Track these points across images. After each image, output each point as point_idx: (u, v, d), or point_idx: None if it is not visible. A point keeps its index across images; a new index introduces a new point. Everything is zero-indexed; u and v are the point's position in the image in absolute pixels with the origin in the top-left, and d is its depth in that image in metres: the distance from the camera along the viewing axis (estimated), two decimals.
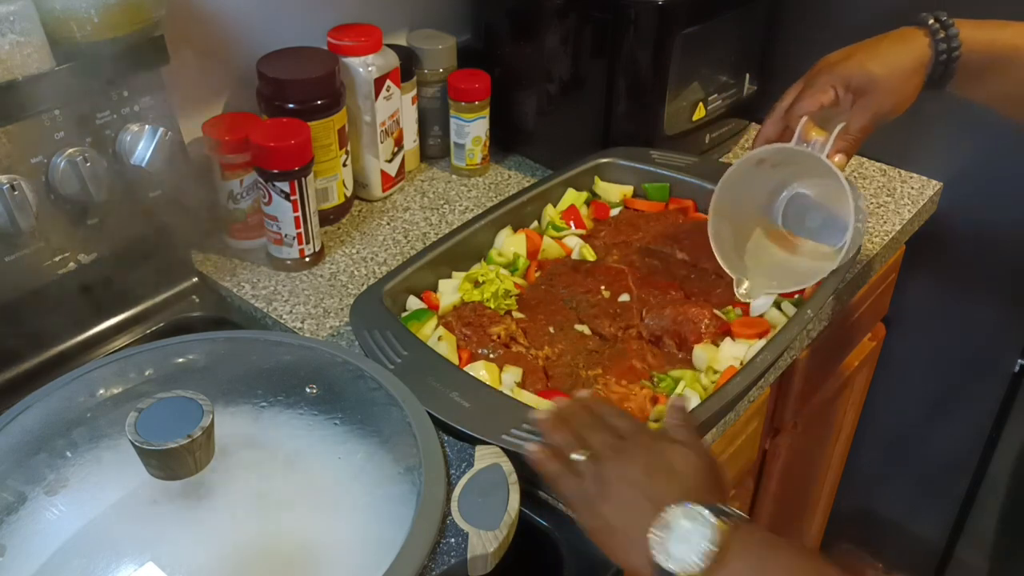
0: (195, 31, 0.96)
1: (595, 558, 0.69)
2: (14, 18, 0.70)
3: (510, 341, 0.83)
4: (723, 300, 0.87)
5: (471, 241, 0.92)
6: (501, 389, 0.76)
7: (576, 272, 0.91)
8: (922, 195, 1.15)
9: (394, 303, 0.83)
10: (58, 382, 0.67)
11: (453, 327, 0.83)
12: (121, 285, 0.88)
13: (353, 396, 0.68)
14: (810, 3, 1.21)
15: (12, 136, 0.75)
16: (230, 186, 0.96)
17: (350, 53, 1.02)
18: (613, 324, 0.85)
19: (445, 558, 0.56)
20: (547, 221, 0.98)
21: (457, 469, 0.62)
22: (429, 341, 0.80)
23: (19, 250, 0.78)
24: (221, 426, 0.59)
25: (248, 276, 0.98)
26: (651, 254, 0.94)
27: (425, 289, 0.87)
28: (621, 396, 0.76)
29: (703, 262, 0.92)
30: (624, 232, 0.97)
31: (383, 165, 1.09)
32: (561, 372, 0.80)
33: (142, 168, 0.83)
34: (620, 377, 0.78)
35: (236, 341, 0.74)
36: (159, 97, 0.85)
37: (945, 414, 1.38)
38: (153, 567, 0.55)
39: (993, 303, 1.24)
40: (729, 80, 1.15)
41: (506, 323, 0.84)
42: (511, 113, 1.17)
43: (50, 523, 0.58)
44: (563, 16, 1.06)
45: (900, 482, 1.50)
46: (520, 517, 0.60)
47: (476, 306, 0.85)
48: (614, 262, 0.93)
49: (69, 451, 0.62)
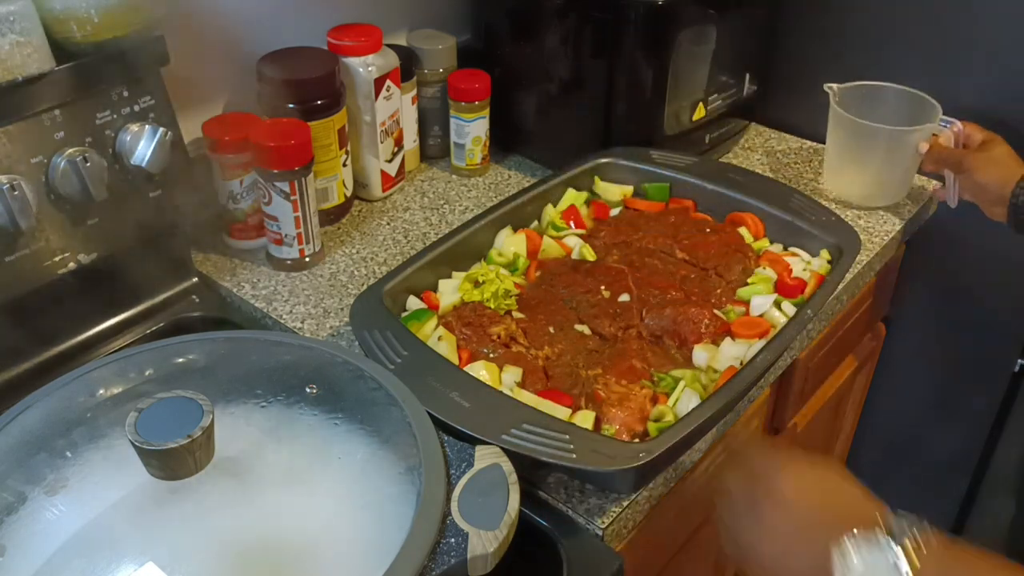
0: (195, 31, 0.96)
1: (595, 558, 0.69)
2: (14, 18, 0.70)
3: (510, 341, 0.83)
4: (723, 300, 0.87)
5: (471, 241, 0.92)
6: (501, 389, 0.76)
7: (576, 272, 0.91)
8: (922, 195, 1.15)
9: (394, 303, 0.83)
10: (58, 382, 0.67)
11: (453, 327, 0.83)
12: (121, 285, 0.88)
13: (353, 396, 0.68)
14: (810, 3, 1.21)
15: (12, 136, 0.75)
16: (230, 186, 0.96)
17: (350, 53, 1.02)
18: (613, 324, 0.85)
19: (445, 558, 0.56)
20: (547, 221, 0.98)
21: (457, 469, 0.62)
22: (429, 341, 0.80)
23: (19, 250, 0.78)
24: (221, 426, 0.59)
25: (248, 276, 0.98)
26: (651, 254, 0.94)
27: (425, 289, 0.87)
28: (621, 396, 0.76)
29: (703, 262, 0.92)
30: (624, 232, 0.97)
31: (383, 165, 1.09)
32: (561, 372, 0.80)
33: (142, 168, 0.83)
34: (620, 377, 0.78)
35: (236, 341, 0.74)
36: (159, 97, 0.85)
37: (945, 414, 1.38)
38: (153, 567, 0.55)
39: (993, 303, 1.24)
40: (729, 80, 1.15)
41: (506, 323, 0.84)
42: (511, 113, 1.17)
43: (50, 523, 0.58)
44: (563, 16, 1.06)
45: (900, 482, 1.50)
46: (520, 517, 0.60)
47: (476, 306, 0.85)
48: (614, 262, 0.93)
49: (69, 451, 0.62)
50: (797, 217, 0.94)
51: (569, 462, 0.65)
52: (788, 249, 0.95)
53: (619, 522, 0.72)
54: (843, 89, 1.10)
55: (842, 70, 1.16)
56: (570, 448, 0.66)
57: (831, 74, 1.13)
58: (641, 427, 0.74)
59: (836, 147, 1.12)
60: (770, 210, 0.96)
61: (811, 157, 1.23)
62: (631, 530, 0.76)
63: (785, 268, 0.90)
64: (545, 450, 0.66)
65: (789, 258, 0.92)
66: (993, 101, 1.11)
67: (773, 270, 0.90)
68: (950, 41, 1.12)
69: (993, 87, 1.11)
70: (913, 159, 1.08)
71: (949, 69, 1.13)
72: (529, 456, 0.66)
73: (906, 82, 1.11)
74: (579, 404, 0.76)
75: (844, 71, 1.15)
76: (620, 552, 0.73)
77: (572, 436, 0.67)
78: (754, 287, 0.89)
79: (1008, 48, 1.08)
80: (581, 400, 0.77)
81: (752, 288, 0.88)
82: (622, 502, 0.72)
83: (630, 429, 0.74)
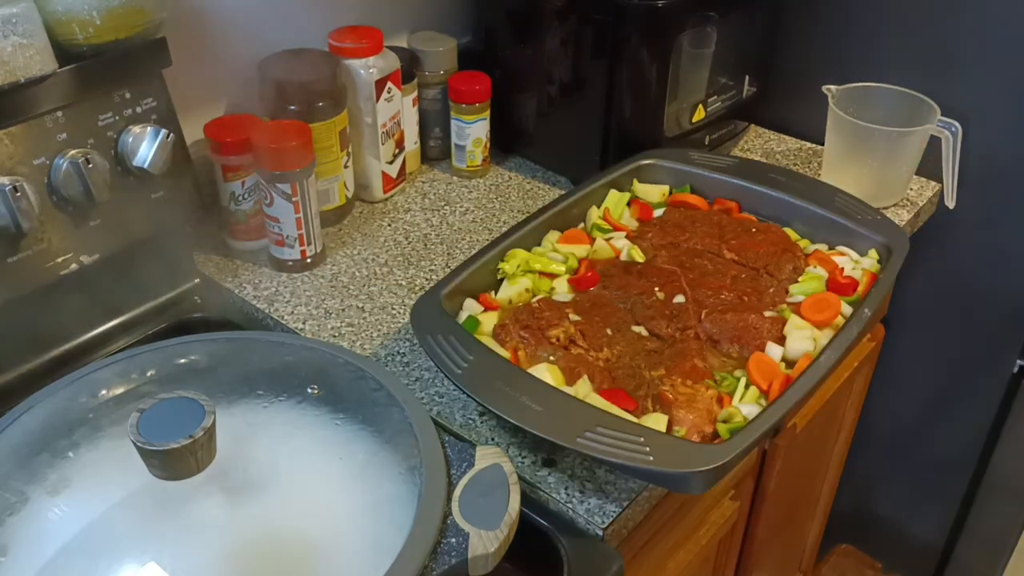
0: (197, 33, 0.96)
1: (595, 558, 0.69)
2: (17, 20, 0.71)
3: (569, 344, 0.81)
4: (776, 300, 0.87)
5: (520, 245, 0.91)
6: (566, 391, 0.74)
7: (627, 274, 0.90)
8: (922, 195, 1.15)
9: (450, 307, 0.83)
10: (60, 382, 0.67)
11: (511, 331, 0.82)
12: (123, 286, 0.88)
13: (354, 397, 0.68)
14: (809, 5, 1.21)
15: (15, 137, 0.75)
16: (232, 187, 0.97)
17: (351, 55, 1.02)
18: (670, 325, 0.84)
19: (446, 558, 0.56)
20: (592, 223, 0.98)
21: (458, 469, 0.62)
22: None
23: (22, 251, 0.78)
24: (223, 427, 0.59)
25: (250, 277, 0.99)
26: (699, 255, 0.93)
27: (480, 292, 0.87)
28: (689, 397, 0.75)
29: (753, 262, 0.92)
30: (671, 233, 0.96)
31: (384, 167, 1.10)
32: (624, 373, 0.79)
33: (144, 169, 0.83)
34: (685, 377, 0.78)
35: (238, 342, 0.75)
36: (161, 99, 0.85)
37: (945, 414, 1.38)
38: (154, 567, 0.56)
39: (993, 303, 1.24)
40: (729, 82, 1.16)
41: (564, 325, 0.82)
42: (512, 115, 1.17)
43: (52, 523, 0.59)
44: (563, 18, 1.06)
45: (900, 482, 1.50)
46: (521, 517, 0.60)
47: (533, 309, 0.84)
48: (663, 263, 0.92)
49: (71, 451, 0.63)
50: (844, 216, 0.94)
51: (648, 465, 0.65)
52: (834, 248, 0.95)
53: (619, 522, 0.72)
54: (842, 91, 1.11)
55: (841, 72, 1.16)
56: (647, 451, 0.65)
57: (830, 76, 1.13)
58: (710, 428, 0.74)
59: (835, 148, 1.12)
60: (816, 210, 0.96)
61: (810, 158, 1.23)
62: (631, 530, 0.76)
63: (835, 267, 0.90)
64: (622, 453, 0.65)
65: (837, 257, 0.92)
66: (992, 103, 1.11)
67: (823, 268, 0.90)
68: (948, 43, 1.12)
69: (992, 89, 1.11)
70: (912, 160, 1.08)
71: (947, 71, 1.13)
72: (606, 460, 0.66)
73: (905, 84, 1.11)
74: (645, 406, 0.75)
75: (843, 73, 1.15)
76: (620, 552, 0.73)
77: (647, 439, 0.67)
78: (805, 284, 0.88)
79: (1007, 50, 1.08)
80: (647, 402, 0.76)
81: (804, 286, 0.88)
82: (622, 502, 0.73)
83: (699, 430, 0.73)
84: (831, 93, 1.10)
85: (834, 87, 1.10)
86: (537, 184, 1.17)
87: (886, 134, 1.06)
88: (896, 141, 1.06)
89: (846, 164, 1.11)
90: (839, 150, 1.11)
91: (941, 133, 1.07)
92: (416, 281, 0.98)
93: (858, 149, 1.09)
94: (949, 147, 1.07)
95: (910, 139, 1.06)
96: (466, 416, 0.80)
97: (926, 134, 1.07)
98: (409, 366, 0.86)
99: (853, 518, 1.59)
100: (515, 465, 0.71)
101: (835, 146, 1.11)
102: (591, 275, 0.90)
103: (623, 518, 0.73)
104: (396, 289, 0.97)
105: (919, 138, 1.07)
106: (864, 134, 1.06)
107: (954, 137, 1.06)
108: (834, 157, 1.13)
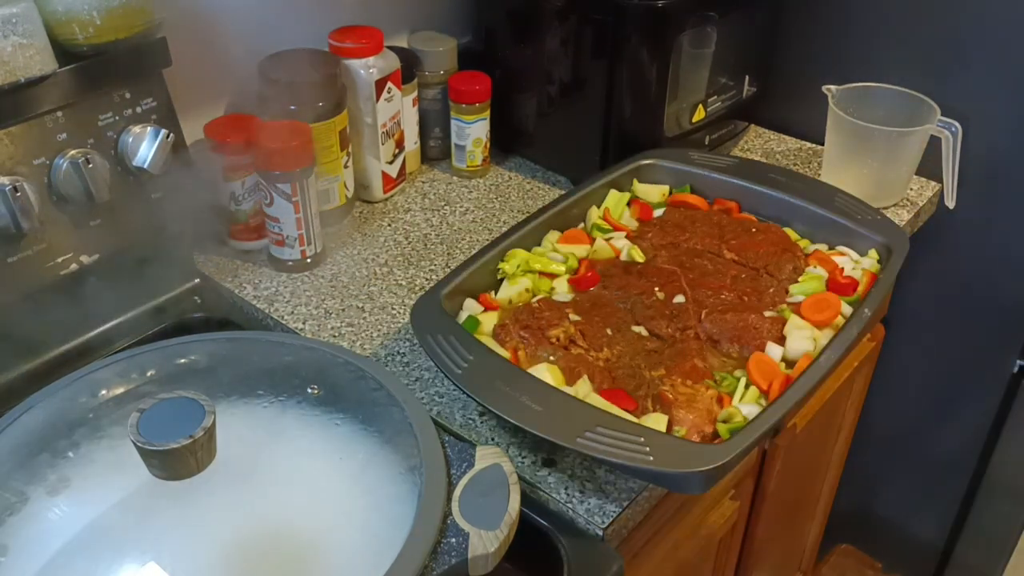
0: (197, 33, 0.96)
1: (595, 558, 0.69)
2: (17, 20, 0.71)
3: (569, 344, 0.81)
4: (776, 300, 0.87)
5: (520, 244, 0.91)
6: (566, 391, 0.74)
7: (627, 274, 0.90)
8: (922, 195, 1.15)
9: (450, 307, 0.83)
10: (60, 383, 0.67)
11: (511, 331, 0.82)
12: (123, 286, 0.88)
13: (354, 397, 0.68)
14: (809, 5, 1.21)
15: (15, 137, 0.75)
16: (232, 187, 0.97)
17: (351, 55, 1.02)
18: (670, 325, 0.84)
19: (446, 558, 0.56)
20: (592, 223, 0.98)
21: (458, 469, 0.62)
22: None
23: (22, 251, 0.78)
24: (223, 427, 0.59)
25: (250, 277, 0.99)
26: (699, 255, 0.93)
27: (479, 292, 0.87)
28: (689, 397, 0.75)
29: (752, 262, 0.92)
30: (671, 233, 0.96)
31: (384, 167, 1.10)
32: (624, 373, 0.79)
33: (144, 169, 0.83)
34: (685, 377, 0.78)
35: (238, 342, 0.75)
36: (161, 99, 0.85)
37: (945, 414, 1.38)
38: (154, 567, 0.56)
39: (993, 303, 1.24)
40: (729, 82, 1.16)
41: (564, 325, 0.82)
42: (511, 115, 1.17)
43: (52, 523, 0.59)
44: (563, 18, 1.06)
45: (900, 482, 1.50)
46: (521, 517, 0.60)
47: (533, 309, 0.84)
48: (663, 263, 0.92)
49: (71, 451, 0.63)
50: (844, 216, 0.94)
51: (648, 465, 0.65)
52: (834, 248, 0.95)
53: (619, 522, 0.72)
54: (841, 91, 1.11)
55: (841, 72, 1.16)
56: (647, 451, 0.65)
57: (830, 76, 1.13)
58: (710, 428, 0.74)
59: (835, 148, 1.12)
60: (816, 210, 0.96)
61: (810, 158, 1.23)
62: (631, 530, 0.76)
63: (835, 267, 0.90)
64: (622, 453, 0.65)
65: (837, 257, 0.92)
66: (992, 103, 1.11)
67: (823, 268, 0.90)
68: (948, 43, 1.12)
69: (992, 89, 1.11)
70: (912, 160, 1.08)
71: (947, 71, 1.13)
72: (606, 460, 0.66)
73: (904, 84, 1.11)
74: (645, 406, 0.75)
75: (843, 73, 1.15)
76: (620, 552, 0.73)
77: (647, 439, 0.67)
78: (805, 284, 0.88)
79: (1007, 50, 1.08)
80: (647, 402, 0.76)
81: (804, 286, 0.88)
82: (622, 502, 0.73)
83: (699, 430, 0.73)
84: (831, 93, 1.10)
85: (834, 87, 1.10)
86: (537, 184, 1.17)
87: (886, 134, 1.06)
88: (896, 141, 1.06)
89: (846, 164, 1.12)
90: (839, 150, 1.11)
91: (941, 133, 1.07)
92: (416, 281, 0.98)
93: (858, 149, 1.09)
94: (949, 147, 1.07)
95: (910, 139, 1.06)
96: (466, 416, 0.80)
97: (926, 134, 1.07)
98: (409, 366, 0.86)
99: (853, 518, 1.59)
100: (515, 465, 0.71)
101: (835, 146, 1.11)
102: (591, 275, 0.90)
103: (623, 518, 0.73)
104: (396, 289, 0.97)
105: (919, 138, 1.07)
106: (864, 134, 1.06)
107: (954, 137, 1.06)
108: (834, 157, 1.13)
